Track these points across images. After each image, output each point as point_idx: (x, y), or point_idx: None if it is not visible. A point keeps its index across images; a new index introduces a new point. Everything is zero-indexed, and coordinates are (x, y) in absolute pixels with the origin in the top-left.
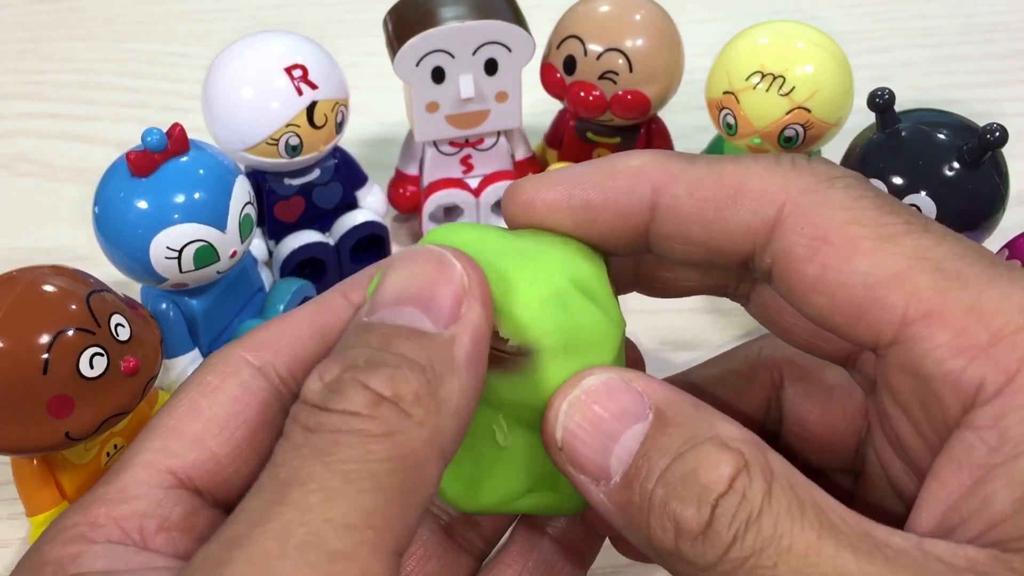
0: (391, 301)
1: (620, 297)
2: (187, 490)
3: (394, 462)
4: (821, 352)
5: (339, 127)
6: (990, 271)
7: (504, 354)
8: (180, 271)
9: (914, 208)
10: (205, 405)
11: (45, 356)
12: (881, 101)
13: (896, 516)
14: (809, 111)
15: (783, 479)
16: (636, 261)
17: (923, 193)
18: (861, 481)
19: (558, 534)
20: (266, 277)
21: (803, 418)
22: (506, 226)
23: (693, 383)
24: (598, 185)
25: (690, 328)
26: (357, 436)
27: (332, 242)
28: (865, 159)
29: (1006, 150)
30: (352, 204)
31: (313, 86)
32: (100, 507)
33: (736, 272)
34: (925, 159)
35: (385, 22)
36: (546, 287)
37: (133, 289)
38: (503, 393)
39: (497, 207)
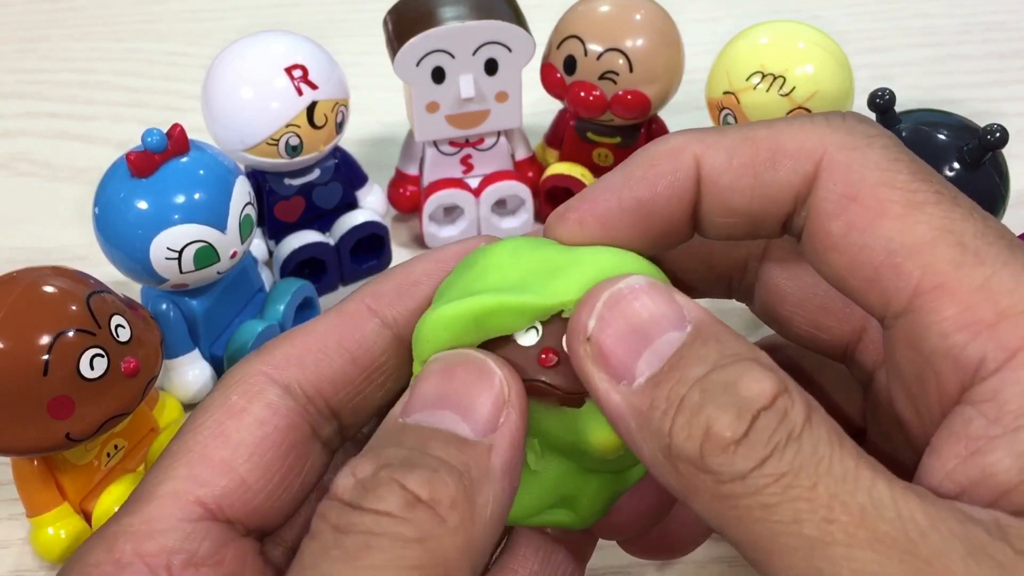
0: (430, 404)
1: None
2: (216, 521)
3: (425, 570)
4: (819, 346)
5: (339, 127)
6: (1008, 252)
7: (560, 393)
8: (180, 272)
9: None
10: (232, 428)
11: (45, 357)
12: (881, 101)
13: None
14: (809, 111)
15: (820, 411)
16: None
17: None
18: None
19: (558, 533)
20: (266, 277)
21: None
22: None
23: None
24: (642, 179)
25: None
26: (389, 540)
27: (332, 242)
28: None
29: (1006, 150)
30: (352, 204)
31: (313, 86)
32: (126, 543)
33: (738, 272)
34: (925, 159)
35: (385, 22)
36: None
37: (133, 290)
38: (545, 423)
39: (497, 207)
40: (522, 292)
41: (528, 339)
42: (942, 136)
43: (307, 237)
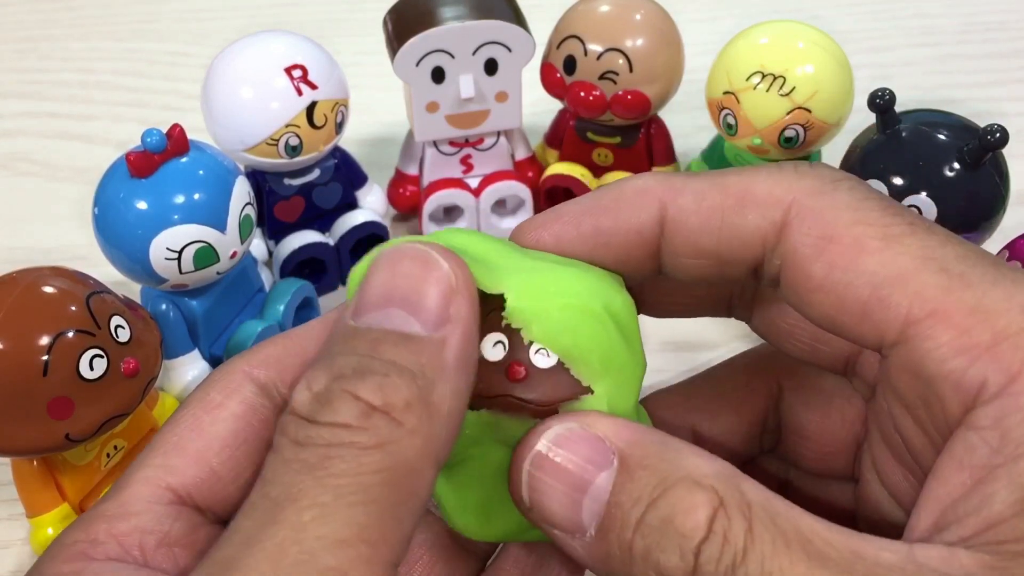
0: (377, 303)
1: None
2: (187, 507)
3: (387, 473)
4: (820, 361)
5: (339, 127)
6: (993, 272)
7: (533, 407)
8: (180, 272)
9: (915, 210)
10: (207, 422)
11: (45, 358)
12: (882, 102)
13: (894, 521)
14: (809, 111)
15: (762, 512)
16: (640, 284)
17: (923, 194)
18: (859, 487)
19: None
20: (266, 277)
21: (802, 426)
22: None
23: (690, 393)
24: (605, 209)
25: (690, 330)
26: (348, 449)
27: (332, 242)
28: (865, 160)
29: (1006, 150)
30: (352, 204)
31: (313, 86)
32: (100, 524)
33: (738, 287)
34: (925, 160)
35: (385, 22)
36: (582, 301)
37: (133, 290)
38: (519, 435)
39: (497, 207)
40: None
41: (495, 354)
42: (942, 136)
43: (307, 237)
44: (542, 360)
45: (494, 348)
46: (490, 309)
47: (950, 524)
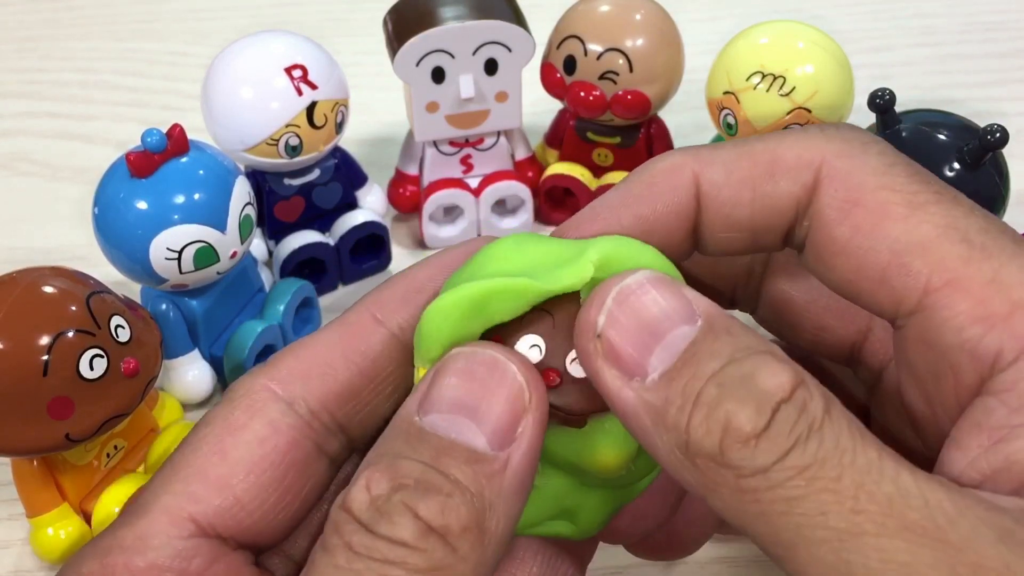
0: (447, 407)
1: None
2: (208, 537)
3: None
4: (825, 349)
5: (339, 127)
6: (1013, 245)
7: (563, 414)
8: (180, 272)
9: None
10: (231, 445)
11: (45, 358)
12: (882, 102)
13: None
14: (809, 111)
15: (838, 404)
16: None
17: None
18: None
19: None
20: (266, 277)
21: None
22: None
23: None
24: (640, 197)
25: None
26: (401, 570)
27: (332, 242)
28: None
29: (1006, 150)
30: (352, 204)
31: (313, 86)
32: (118, 556)
33: (742, 279)
34: (925, 160)
35: (385, 22)
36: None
37: (133, 290)
38: (547, 441)
39: (497, 207)
40: (524, 276)
41: (531, 357)
42: (942, 136)
43: (307, 237)
44: (577, 369)
45: (530, 351)
46: (536, 306)
47: (975, 487)
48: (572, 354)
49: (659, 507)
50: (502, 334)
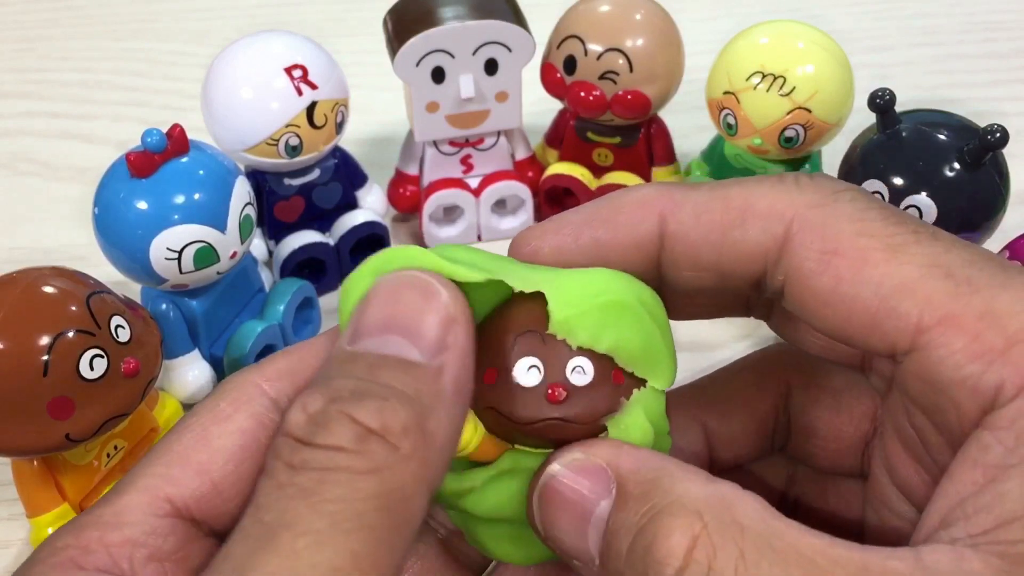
0: (376, 329)
1: None
2: (183, 519)
3: (382, 499)
4: (839, 356)
5: (339, 127)
6: (1001, 275)
7: (575, 424)
8: (180, 272)
9: (915, 210)
10: (215, 434)
11: (45, 358)
12: (882, 102)
13: (902, 516)
14: (810, 111)
15: (757, 538)
16: (662, 288)
17: (924, 194)
18: (868, 484)
19: None
20: (266, 277)
21: (811, 424)
22: None
23: (701, 393)
24: (605, 221)
25: (694, 331)
26: (344, 474)
27: (332, 242)
28: (865, 160)
29: (1006, 150)
30: (352, 204)
31: (313, 86)
32: (93, 531)
33: (754, 291)
34: (926, 160)
35: (385, 22)
36: (619, 297)
37: (133, 290)
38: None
39: (497, 207)
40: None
41: (531, 379)
42: (942, 136)
43: (307, 237)
44: (579, 378)
45: (528, 373)
46: (518, 332)
47: (958, 520)
48: (571, 364)
49: None
50: (497, 366)
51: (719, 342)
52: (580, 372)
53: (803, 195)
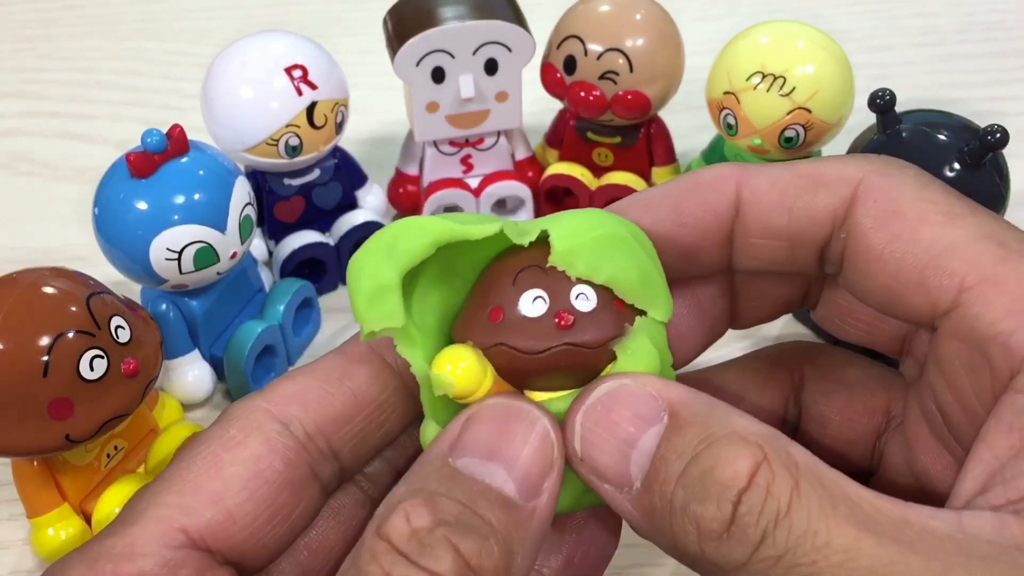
0: (481, 453)
1: None
2: (197, 549)
3: None
4: (878, 342)
5: (339, 127)
6: None
7: (589, 348)
8: (180, 272)
9: None
10: (227, 461)
11: (45, 358)
12: (882, 102)
13: None
14: (810, 111)
15: (810, 473)
16: (726, 296)
17: None
18: (876, 479)
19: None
20: (266, 277)
21: (823, 415)
22: None
23: (711, 382)
24: (682, 192)
25: None
26: None
27: (332, 242)
28: None
29: (1006, 150)
30: (352, 204)
31: (313, 86)
32: (107, 563)
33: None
34: (926, 160)
35: (385, 22)
36: (612, 230)
37: (133, 290)
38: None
39: (497, 207)
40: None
41: (537, 309)
42: (942, 136)
43: (307, 237)
44: (583, 304)
45: (534, 304)
46: (520, 268)
47: (996, 485)
48: (574, 291)
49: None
50: (502, 303)
51: (719, 342)
52: (584, 298)
53: (871, 164)
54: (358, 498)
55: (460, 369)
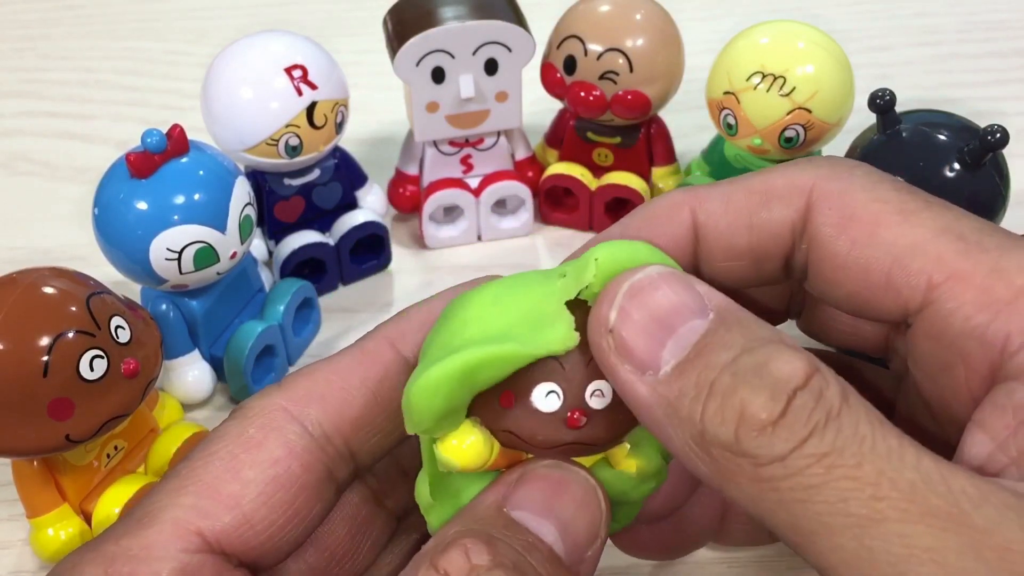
0: (536, 509)
1: None
2: (213, 553)
3: None
4: (864, 343)
5: (339, 127)
6: (1008, 241)
7: (597, 447)
8: (180, 272)
9: None
10: (246, 463)
11: (45, 359)
12: (882, 102)
13: None
14: (810, 111)
15: (853, 396)
16: None
17: None
18: None
19: None
20: (266, 277)
21: None
22: None
23: None
24: (638, 229)
25: None
26: None
27: (332, 242)
28: (865, 160)
29: (1006, 150)
30: (352, 204)
31: (313, 86)
32: (123, 565)
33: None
34: (926, 160)
35: (385, 22)
36: (655, 260)
37: (133, 290)
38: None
39: (497, 207)
40: (506, 341)
41: (550, 404)
42: (942, 136)
43: (307, 237)
44: (598, 402)
45: (547, 398)
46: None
47: (1004, 468)
48: (591, 388)
49: (677, 488)
50: (513, 389)
51: None
52: (599, 396)
53: (819, 170)
54: (362, 493)
55: (466, 445)
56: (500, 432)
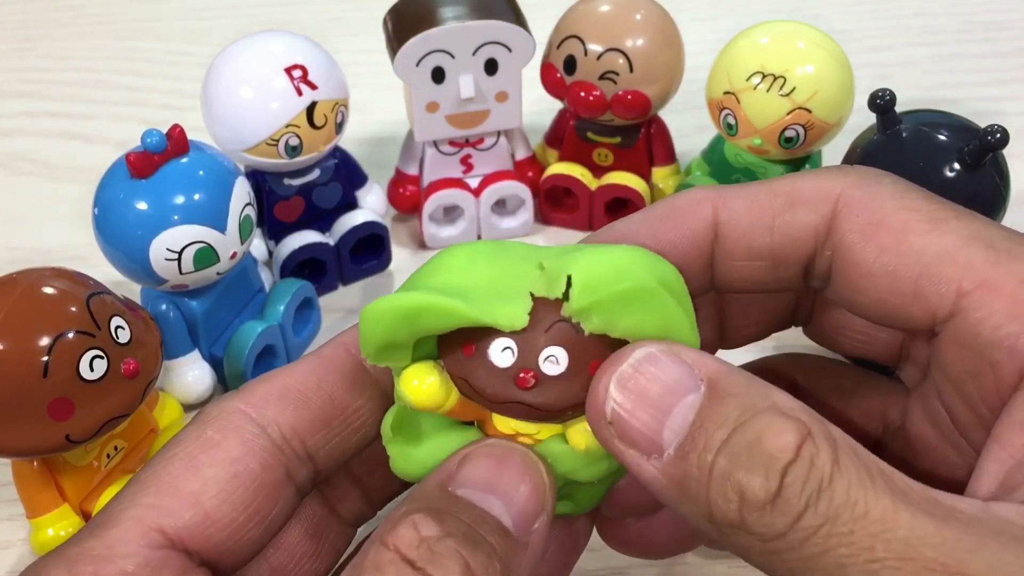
0: (480, 486)
1: None
2: (176, 550)
3: None
4: (876, 352)
5: (339, 127)
6: None
7: (540, 411)
8: (180, 272)
9: None
10: (204, 462)
11: (45, 359)
12: (882, 102)
13: None
14: (810, 111)
15: (847, 448)
16: (713, 317)
17: None
18: None
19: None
20: (266, 277)
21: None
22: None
23: None
24: (659, 219)
25: None
26: None
27: (332, 242)
28: (866, 160)
29: (1006, 150)
30: (352, 204)
31: (313, 86)
32: (87, 565)
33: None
34: (926, 160)
35: (385, 22)
36: (639, 283)
37: (133, 290)
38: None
39: (497, 207)
40: (455, 297)
41: (504, 359)
42: (943, 136)
43: (307, 237)
44: (551, 367)
45: (503, 354)
46: None
47: (1019, 485)
48: (545, 352)
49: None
50: (475, 340)
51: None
52: (553, 362)
53: (846, 177)
54: (319, 500)
55: (425, 385)
56: (459, 379)
